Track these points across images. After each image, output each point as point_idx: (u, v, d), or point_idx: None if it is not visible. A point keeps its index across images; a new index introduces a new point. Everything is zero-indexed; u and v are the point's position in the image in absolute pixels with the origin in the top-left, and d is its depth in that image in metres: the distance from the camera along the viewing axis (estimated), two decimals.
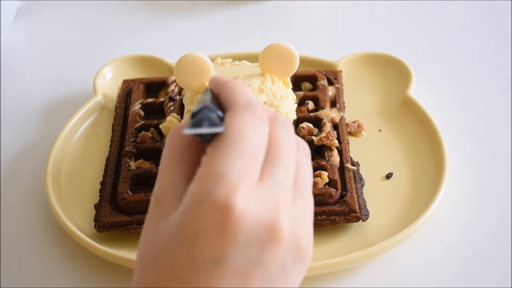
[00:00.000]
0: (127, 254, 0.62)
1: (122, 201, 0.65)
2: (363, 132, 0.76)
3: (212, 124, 0.43)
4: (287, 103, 0.66)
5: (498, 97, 0.83)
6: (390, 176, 0.70)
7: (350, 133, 0.75)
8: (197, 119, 0.43)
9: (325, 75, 0.80)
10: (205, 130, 0.42)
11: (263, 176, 0.43)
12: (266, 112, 0.46)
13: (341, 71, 0.81)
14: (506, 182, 0.70)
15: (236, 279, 0.42)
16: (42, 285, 0.63)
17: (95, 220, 0.65)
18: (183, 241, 0.42)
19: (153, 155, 0.70)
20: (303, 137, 0.70)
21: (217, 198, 0.41)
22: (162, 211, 0.44)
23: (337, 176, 0.67)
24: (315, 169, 0.66)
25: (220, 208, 0.41)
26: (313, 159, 0.68)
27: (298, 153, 0.46)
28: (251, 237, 0.42)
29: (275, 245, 0.42)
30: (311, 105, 0.75)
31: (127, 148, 0.70)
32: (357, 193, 0.66)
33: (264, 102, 0.64)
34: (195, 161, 0.45)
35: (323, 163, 0.68)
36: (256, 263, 0.42)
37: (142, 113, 0.76)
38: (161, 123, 0.72)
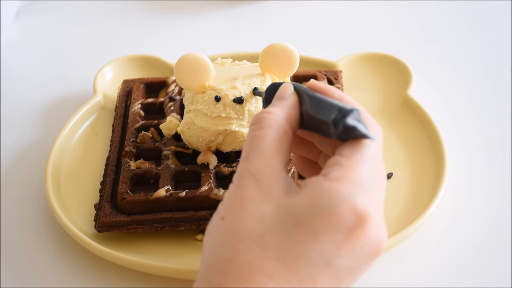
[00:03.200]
0: (127, 254, 0.62)
1: (122, 201, 0.65)
2: None
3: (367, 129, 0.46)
4: None
5: (498, 97, 0.83)
6: (390, 176, 0.70)
7: None
8: (357, 116, 0.46)
9: (325, 75, 0.80)
10: (364, 129, 0.45)
11: None
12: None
13: (341, 71, 0.81)
14: (506, 182, 0.70)
15: (332, 280, 0.43)
16: (42, 285, 0.63)
17: (95, 220, 0.65)
18: (307, 232, 0.43)
19: (153, 155, 0.70)
20: None
21: (359, 203, 0.43)
22: (264, 192, 0.45)
23: None
24: None
25: (359, 213, 0.43)
26: None
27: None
28: (364, 249, 0.44)
29: (373, 261, 0.45)
30: None
31: (127, 148, 0.70)
32: None
33: None
34: (287, 150, 0.48)
35: None
36: (353, 271, 0.44)
37: (142, 113, 0.76)
38: (161, 123, 0.72)
